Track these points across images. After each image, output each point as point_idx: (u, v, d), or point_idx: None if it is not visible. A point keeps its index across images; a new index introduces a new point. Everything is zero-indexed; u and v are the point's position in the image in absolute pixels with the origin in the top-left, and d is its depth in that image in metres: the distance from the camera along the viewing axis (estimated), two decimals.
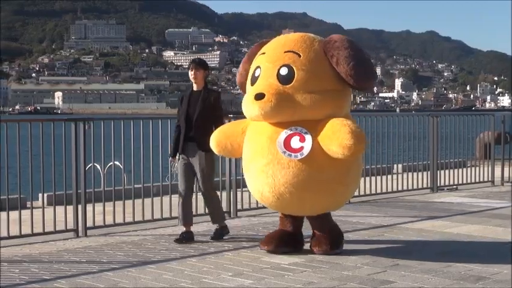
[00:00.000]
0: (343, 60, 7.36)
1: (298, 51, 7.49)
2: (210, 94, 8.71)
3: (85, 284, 6.60)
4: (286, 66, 7.43)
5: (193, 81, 8.72)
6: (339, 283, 6.59)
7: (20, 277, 6.88)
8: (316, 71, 7.43)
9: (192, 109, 8.61)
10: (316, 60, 7.46)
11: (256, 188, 7.68)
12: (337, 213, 10.61)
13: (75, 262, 7.54)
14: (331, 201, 7.72)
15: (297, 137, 7.36)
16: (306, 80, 7.38)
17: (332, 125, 7.25)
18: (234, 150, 8.00)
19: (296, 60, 7.44)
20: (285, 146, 7.36)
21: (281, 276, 6.83)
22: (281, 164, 7.35)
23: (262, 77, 7.52)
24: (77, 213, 8.98)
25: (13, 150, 8.49)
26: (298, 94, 7.34)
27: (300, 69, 7.40)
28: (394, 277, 6.80)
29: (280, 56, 7.52)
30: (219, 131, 8.13)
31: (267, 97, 7.26)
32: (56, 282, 6.68)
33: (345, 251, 7.99)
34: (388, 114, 13.85)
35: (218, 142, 8.02)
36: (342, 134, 7.10)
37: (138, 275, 6.94)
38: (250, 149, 7.68)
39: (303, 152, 7.30)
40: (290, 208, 7.76)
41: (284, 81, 7.39)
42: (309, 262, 7.44)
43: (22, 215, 8.59)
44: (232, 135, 7.97)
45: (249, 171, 7.72)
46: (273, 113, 7.30)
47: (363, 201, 12.02)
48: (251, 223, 9.89)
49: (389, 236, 8.94)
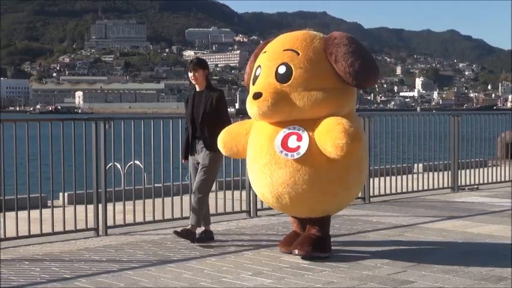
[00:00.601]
0: (341, 57, 7.18)
1: (297, 49, 7.35)
2: (212, 94, 8.52)
3: (105, 282, 6.62)
4: (285, 64, 7.30)
5: (194, 82, 8.62)
6: (358, 283, 6.57)
7: (41, 276, 6.91)
8: (315, 69, 7.28)
9: (195, 111, 8.52)
10: (316, 58, 7.31)
11: (258, 189, 7.65)
12: (358, 213, 10.62)
13: (95, 261, 7.56)
14: (330, 202, 7.50)
15: (294, 136, 7.25)
16: (304, 78, 7.24)
17: (327, 123, 7.09)
18: (239, 151, 7.92)
19: (294, 58, 7.31)
20: (282, 146, 7.25)
21: (301, 276, 6.82)
22: (278, 164, 7.24)
23: (262, 76, 7.45)
24: (97, 212, 9.01)
25: (34, 150, 8.53)
26: (295, 93, 7.22)
27: (297, 67, 7.26)
28: (415, 277, 6.76)
29: (279, 55, 7.40)
30: (225, 132, 8.02)
31: (264, 96, 7.19)
32: (76, 280, 6.70)
33: (365, 250, 7.97)
34: (409, 114, 13.80)
35: (225, 144, 7.95)
36: (335, 133, 6.92)
37: (158, 274, 6.95)
38: (251, 150, 7.61)
39: (300, 152, 7.16)
40: (290, 209, 7.67)
41: (282, 80, 7.27)
42: (328, 261, 7.42)
43: (43, 214, 8.63)
44: (237, 137, 7.89)
45: (252, 172, 7.65)
46: (270, 112, 7.21)
47: (384, 201, 11.98)
48: (271, 223, 9.88)
49: (410, 236, 8.90)
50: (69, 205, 9.33)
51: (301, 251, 7.48)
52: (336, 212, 8.06)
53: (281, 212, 8.13)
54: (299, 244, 7.54)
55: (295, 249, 7.52)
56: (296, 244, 7.56)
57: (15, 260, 7.59)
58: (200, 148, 8.48)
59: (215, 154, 8.36)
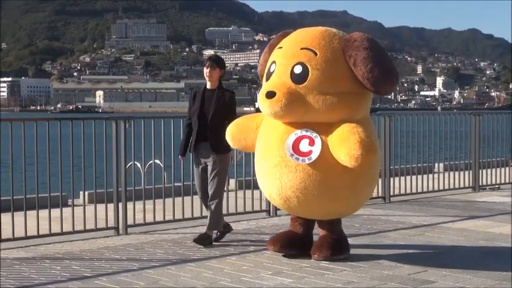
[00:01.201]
0: (360, 61, 6.92)
1: (315, 48, 7.08)
2: (226, 94, 8.34)
3: (125, 281, 6.63)
4: (301, 64, 7.04)
5: (207, 79, 8.37)
6: (379, 282, 6.55)
7: (62, 274, 6.93)
8: (332, 71, 7.03)
9: (206, 108, 8.27)
10: (334, 60, 7.05)
11: (266, 189, 7.50)
12: (378, 213, 10.59)
13: (115, 260, 7.58)
14: (341, 207, 7.37)
15: (306, 140, 7.04)
16: (320, 80, 6.99)
17: (342, 132, 6.88)
18: (247, 145, 7.75)
19: (312, 58, 7.05)
20: (294, 149, 7.05)
21: (321, 275, 6.81)
22: (288, 167, 7.06)
23: (276, 74, 7.19)
24: (117, 211, 9.04)
25: (54, 149, 8.57)
26: (310, 95, 6.98)
27: (314, 68, 7.01)
28: (435, 277, 6.73)
29: (295, 53, 7.14)
30: (234, 124, 7.83)
31: (277, 96, 6.94)
32: (96, 279, 6.72)
33: (385, 250, 7.94)
34: (430, 113, 13.76)
35: (233, 136, 7.76)
36: (351, 144, 6.74)
37: (178, 272, 6.96)
38: (261, 147, 7.43)
39: (311, 157, 6.97)
40: (299, 212, 7.53)
41: (297, 80, 7.02)
42: (348, 261, 7.40)
43: (64, 213, 8.66)
44: (247, 130, 7.69)
45: (260, 170, 7.48)
46: (283, 113, 7.00)
47: (404, 201, 11.93)
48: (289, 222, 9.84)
49: (430, 236, 8.86)
50: (90, 204, 9.37)
51: (321, 256, 7.37)
52: (348, 215, 7.90)
53: (286, 212, 8.05)
54: (317, 248, 7.43)
55: (314, 254, 7.41)
56: (315, 249, 7.45)
57: (36, 259, 7.63)
58: (206, 150, 8.27)
59: (223, 156, 8.25)
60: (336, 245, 7.44)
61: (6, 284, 6.56)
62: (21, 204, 8.37)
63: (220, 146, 8.10)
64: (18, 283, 6.61)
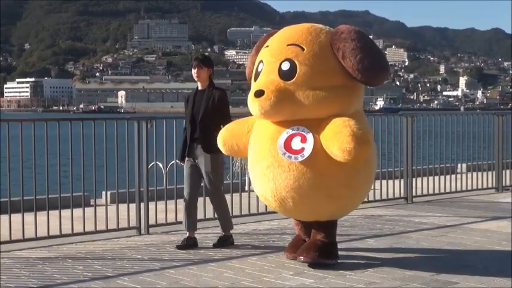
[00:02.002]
0: (349, 53, 6.70)
1: (302, 44, 6.87)
2: (215, 93, 8.14)
3: (147, 281, 6.65)
4: (288, 60, 6.83)
5: (196, 79, 8.22)
6: (401, 283, 6.52)
7: (84, 274, 6.96)
8: (321, 65, 6.81)
9: (196, 110, 8.14)
10: (321, 54, 6.83)
11: (260, 192, 7.24)
12: (400, 213, 10.54)
13: (137, 259, 7.60)
14: (336, 206, 7.09)
15: (298, 137, 6.82)
16: (309, 75, 6.77)
17: (333, 125, 6.64)
18: (240, 150, 7.51)
19: (299, 54, 6.83)
20: (286, 147, 6.81)
21: (342, 276, 6.78)
22: (282, 167, 6.83)
23: (264, 73, 6.98)
24: (139, 211, 9.06)
25: (77, 149, 8.61)
26: (300, 91, 6.77)
27: (302, 63, 6.79)
28: (458, 278, 6.69)
29: (282, 50, 6.93)
30: (225, 129, 7.63)
31: (266, 94, 6.72)
32: (118, 279, 6.74)
33: (407, 251, 7.90)
34: (452, 113, 13.66)
35: (224, 142, 7.54)
36: (343, 137, 6.49)
37: (199, 272, 6.96)
38: (253, 151, 7.20)
39: (304, 154, 6.74)
40: (294, 213, 7.33)
41: (285, 77, 6.80)
42: (370, 261, 7.37)
43: (86, 213, 8.70)
44: (238, 135, 7.47)
45: (253, 174, 7.23)
46: (273, 111, 6.77)
47: (426, 201, 11.87)
48: None
49: (453, 237, 8.80)
50: (112, 204, 9.40)
51: (307, 258, 7.10)
52: (343, 215, 7.63)
53: (283, 215, 7.90)
54: (304, 250, 7.16)
55: (301, 255, 7.15)
56: (301, 250, 7.19)
57: (59, 258, 7.66)
58: (200, 152, 8.13)
59: (215, 156, 8.05)
60: (324, 248, 7.14)
61: (29, 283, 6.60)
62: (44, 204, 8.42)
63: (212, 146, 7.88)
64: (41, 282, 6.65)
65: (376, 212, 10.67)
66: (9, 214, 8.17)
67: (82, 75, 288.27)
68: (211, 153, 8.03)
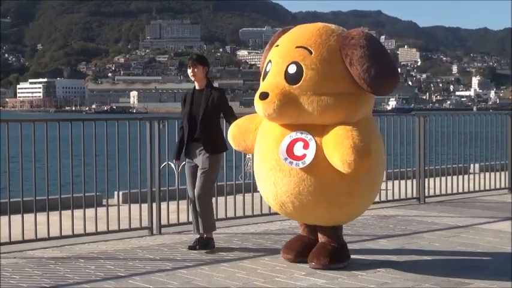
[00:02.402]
0: (356, 61, 6.52)
1: (311, 47, 6.70)
2: (214, 93, 8.03)
3: (159, 281, 6.65)
4: (295, 63, 6.69)
5: (192, 79, 8.14)
6: (413, 284, 6.50)
7: (96, 273, 6.98)
8: (328, 71, 6.65)
9: (195, 109, 8.01)
10: (330, 59, 6.66)
11: (263, 193, 7.20)
12: (413, 213, 10.51)
13: (149, 259, 7.61)
14: (339, 213, 6.98)
15: (301, 143, 6.71)
16: (315, 80, 6.62)
17: (336, 135, 6.52)
18: (247, 147, 7.48)
19: (306, 57, 6.68)
20: (288, 152, 6.73)
21: (354, 276, 6.77)
22: (283, 171, 6.76)
23: (271, 74, 6.87)
24: (151, 211, 9.07)
25: (89, 149, 8.63)
26: (304, 96, 6.63)
27: (309, 68, 6.64)
28: (470, 278, 6.66)
29: (290, 52, 6.78)
30: (234, 125, 7.60)
31: (270, 97, 6.62)
32: (130, 278, 6.75)
33: (419, 251, 7.88)
34: (465, 113, 13.61)
35: (233, 137, 7.53)
36: (344, 148, 6.39)
37: (211, 272, 6.96)
38: (258, 150, 7.15)
39: (305, 161, 6.64)
40: (296, 217, 7.34)
41: (291, 81, 6.67)
42: (382, 262, 7.35)
43: (98, 213, 8.71)
44: (246, 132, 7.44)
45: (258, 174, 7.18)
46: (276, 115, 6.69)
47: (439, 202, 11.83)
48: None
49: (466, 237, 8.77)
50: (124, 204, 9.40)
51: (318, 264, 7.01)
52: (346, 222, 7.47)
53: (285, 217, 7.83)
54: (315, 257, 7.06)
55: (312, 262, 7.05)
56: (312, 256, 7.09)
57: (71, 258, 7.68)
58: (198, 151, 8.00)
59: (215, 156, 7.98)
60: (335, 253, 7.08)
61: (42, 283, 6.62)
62: (56, 204, 8.45)
63: (212, 146, 7.91)
64: (54, 282, 6.67)
65: (388, 212, 10.65)
66: (22, 214, 8.19)
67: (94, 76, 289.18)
68: (212, 154, 7.95)
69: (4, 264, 7.39)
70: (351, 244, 8.23)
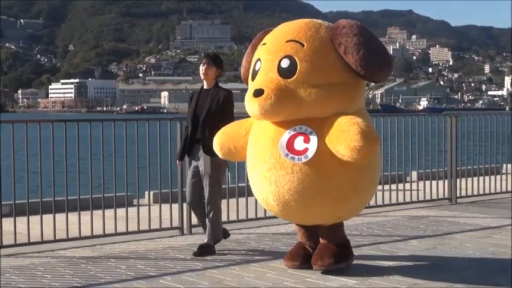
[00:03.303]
0: (351, 48, 6.40)
1: (302, 40, 6.55)
2: (220, 93, 7.85)
3: (189, 281, 6.66)
4: (288, 57, 6.50)
5: (202, 77, 7.95)
6: (445, 285, 6.45)
7: (127, 273, 7.00)
8: (322, 61, 6.50)
9: (199, 109, 7.83)
10: (322, 50, 6.52)
11: (261, 196, 6.88)
12: (444, 214, 10.44)
13: (179, 259, 7.62)
14: (342, 209, 6.76)
15: (301, 137, 6.49)
16: (310, 72, 6.45)
17: (340, 123, 6.33)
18: (238, 153, 7.13)
19: (299, 50, 6.51)
20: (288, 148, 6.49)
21: (385, 277, 6.73)
22: (284, 168, 6.49)
23: (262, 71, 6.64)
24: (182, 211, 9.09)
25: (121, 149, 8.67)
26: (301, 89, 6.44)
27: (303, 60, 6.47)
28: (504, 280, 6.60)
29: (281, 47, 6.59)
30: (221, 132, 7.22)
31: (266, 93, 6.39)
32: (161, 278, 6.77)
33: (451, 252, 7.82)
34: (497, 113, 13.50)
35: (221, 145, 7.17)
36: (350, 135, 6.18)
37: (241, 273, 6.96)
38: (252, 153, 6.85)
39: (307, 155, 6.41)
40: (298, 217, 6.98)
41: (285, 75, 6.48)
42: (413, 262, 7.30)
43: (129, 213, 8.75)
44: (235, 137, 7.10)
45: (253, 178, 6.90)
46: (274, 111, 6.45)
47: (471, 202, 11.73)
48: (354, 223, 9.77)
49: (498, 238, 8.68)
50: (155, 204, 9.44)
51: (323, 265, 6.85)
52: (348, 218, 7.23)
53: (285, 220, 7.58)
54: (319, 258, 6.89)
55: (316, 263, 6.88)
56: (316, 257, 6.91)
57: (102, 258, 7.72)
58: (200, 153, 7.81)
59: (216, 159, 7.61)
60: (338, 252, 6.91)
61: (73, 283, 6.66)
62: (87, 204, 8.50)
63: (210, 148, 7.49)
64: (85, 281, 6.70)
65: (419, 213, 10.58)
66: (54, 214, 8.25)
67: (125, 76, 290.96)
68: (212, 156, 7.62)
69: (36, 264, 7.45)
70: (383, 245, 8.21)
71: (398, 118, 11.33)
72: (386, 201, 11.03)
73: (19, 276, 6.90)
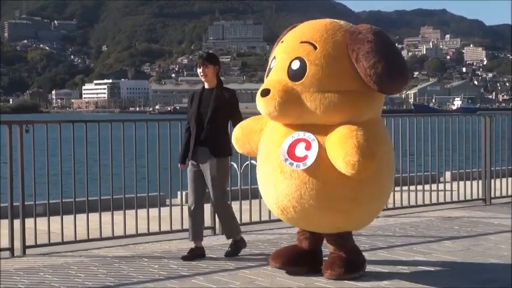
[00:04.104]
0: (362, 56, 6.09)
1: (316, 42, 6.29)
2: (224, 93, 7.67)
3: (222, 281, 6.66)
4: (299, 59, 6.28)
5: (203, 79, 7.72)
6: (479, 285, 6.39)
7: (160, 273, 7.03)
8: (333, 67, 6.21)
9: (203, 110, 7.59)
10: (335, 54, 6.23)
11: (264, 197, 6.78)
12: (478, 215, 10.34)
13: (212, 259, 7.62)
14: (342, 221, 6.47)
15: (303, 143, 6.27)
16: (318, 77, 6.19)
17: (339, 135, 6.08)
18: (252, 149, 7.00)
19: (310, 52, 6.26)
20: (289, 153, 6.28)
21: (420, 278, 6.68)
22: (284, 173, 6.31)
23: (275, 70, 6.48)
24: (214, 211, 9.08)
25: (153, 149, 8.71)
26: (307, 93, 6.21)
27: (312, 63, 6.22)
28: None
29: (295, 47, 6.38)
30: (239, 126, 7.14)
31: (271, 94, 6.22)
32: (193, 278, 6.78)
33: (485, 253, 7.74)
34: None
35: (237, 139, 7.07)
36: (347, 148, 5.93)
37: (273, 273, 6.93)
38: (261, 152, 6.71)
39: (306, 162, 6.18)
40: (299, 223, 6.77)
41: (294, 77, 6.26)
42: (447, 264, 7.24)
43: (161, 212, 8.79)
44: (251, 133, 6.96)
45: (259, 177, 6.75)
46: (277, 113, 6.26)
47: (505, 203, 11.60)
48: (387, 223, 9.73)
49: None
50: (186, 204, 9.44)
51: (333, 274, 6.58)
52: (353, 229, 6.88)
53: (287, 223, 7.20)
54: (329, 266, 6.64)
55: (326, 272, 6.63)
56: (326, 266, 6.67)
57: (135, 257, 7.75)
58: (204, 156, 7.58)
59: (221, 160, 7.56)
60: (349, 262, 6.65)
61: (106, 282, 6.69)
62: (120, 203, 8.54)
63: (219, 149, 7.54)
64: (118, 281, 6.74)
65: (453, 214, 10.49)
66: (87, 213, 8.31)
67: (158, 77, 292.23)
68: (219, 157, 7.57)
69: (70, 263, 7.51)
70: (416, 245, 8.15)
71: (431, 118, 11.25)
72: (419, 201, 10.96)
73: (53, 275, 6.96)
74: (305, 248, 6.93)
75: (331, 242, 6.80)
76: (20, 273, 7.06)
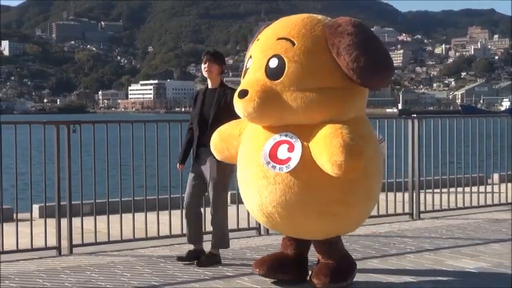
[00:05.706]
0: (344, 49, 5.77)
1: (293, 38, 5.97)
2: (227, 93, 7.33)
3: (267, 281, 6.62)
4: (277, 56, 5.96)
5: (206, 75, 7.54)
6: None
7: (205, 273, 7.05)
8: (313, 63, 5.90)
9: (206, 110, 7.41)
10: (315, 50, 5.92)
11: (247, 204, 6.45)
12: (503, 217, 10.17)
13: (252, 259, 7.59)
14: (331, 225, 6.16)
15: (285, 145, 5.94)
16: (298, 74, 5.88)
17: (324, 135, 5.73)
18: (231, 155, 6.62)
19: (289, 49, 5.94)
20: (271, 156, 5.96)
21: (467, 281, 6.61)
22: (267, 178, 5.98)
23: (251, 70, 6.16)
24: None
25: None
26: (287, 92, 5.89)
27: (292, 60, 5.90)
28: None
29: (272, 45, 6.07)
30: (216, 133, 6.77)
31: (250, 95, 5.89)
32: (238, 278, 6.79)
33: None
34: None
35: (215, 146, 6.74)
36: (333, 148, 5.58)
37: None
38: (241, 156, 6.37)
39: (290, 165, 5.86)
40: (285, 230, 6.46)
41: (272, 76, 5.94)
42: (495, 266, 7.14)
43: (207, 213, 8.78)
44: (229, 138, 6.61)
45: (240, 183, 6.42)
46: (257, 114, 5.95)
47: None
48: (434, 225, 9.64)
49: None
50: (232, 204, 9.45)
51: (319, 283, 6.25)
52: (342, 233, 6.55)
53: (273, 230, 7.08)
54: (316, 276, 6.29)
55: (313, 280, 6.31)
56: (313, 275, 6.33)
57: None
58: (205, 156, 7.33)
59: (224, 163, 7.09)
60: (336, 270, 6.31)
61: (152, 281, 6.73)
62: (166, 203, 8.59)
63: None
64: (163, 280, 6.77)
65: (501, 216, 10.36)
66: (133, 213, 8.37)
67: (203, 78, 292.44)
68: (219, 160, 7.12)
69: (116, 262, 7.57)
70: (464, 248, 8.06)
71: (479, 119, 11.13)
72: (467, 203, 10.84)
73: (99, 274, 7.02)
74: (290, 254, 6.59)
75: (318, 249, 6.48)
76: (66, 272, 7.14)
